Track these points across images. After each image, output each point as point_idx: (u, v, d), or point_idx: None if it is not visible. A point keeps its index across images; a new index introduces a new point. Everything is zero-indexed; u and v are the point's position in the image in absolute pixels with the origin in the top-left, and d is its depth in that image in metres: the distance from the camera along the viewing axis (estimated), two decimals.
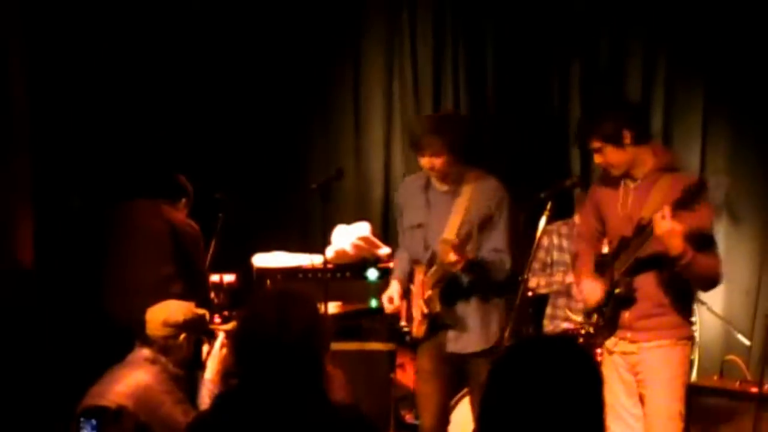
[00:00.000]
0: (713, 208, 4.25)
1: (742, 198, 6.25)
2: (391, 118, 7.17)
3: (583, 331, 5.48)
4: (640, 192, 4.28)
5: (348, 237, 6.19)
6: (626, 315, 4.30)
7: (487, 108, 7.10)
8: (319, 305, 3.06)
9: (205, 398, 4.04)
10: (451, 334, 4.71)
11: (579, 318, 4.65)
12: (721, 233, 5.85)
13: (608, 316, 4.33)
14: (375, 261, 6.11)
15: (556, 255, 6.02)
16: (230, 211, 5.15)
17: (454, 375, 4.77)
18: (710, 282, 4.30)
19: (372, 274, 6.02)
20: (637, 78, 6.75)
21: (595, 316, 4.42)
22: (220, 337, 4.20)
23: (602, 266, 4.41)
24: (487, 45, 7.06)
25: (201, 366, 4.16)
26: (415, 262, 4.84)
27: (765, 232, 6.20)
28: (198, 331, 4.20)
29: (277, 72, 7.04)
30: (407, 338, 4.87)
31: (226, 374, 4.11)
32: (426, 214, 4.76)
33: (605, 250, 4.60)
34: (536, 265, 5.97)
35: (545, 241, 5.88)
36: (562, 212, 5.77)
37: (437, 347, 4.75)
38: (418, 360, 4.87)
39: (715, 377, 5.49)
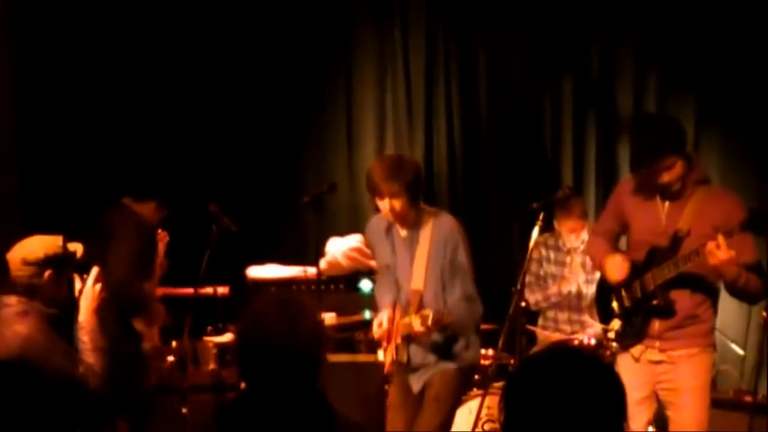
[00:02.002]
0: None
1: None
2: (384, 132, 7.19)
3: (578, 340, 5.52)
4: (676, 204, 4.27)
5: (341, 248, 6.20)
6: (656, 325, 4.29)
7: (480, 121, 7.12)
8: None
9: (85, 343, 3.77)
10: (413, 377, 4.80)
11: (598, 323, 4.63)
12: None
13: (638, 325, 4.33)
14: (368, 273, 6.10)
15: (545, 266, 6.03)
16: (223, 224, 5.12)
17: (420, 405, 4.81)
18: (757, 298, 4.36)
19: (366, 285, 6.02)
20: (629, 91, 6.79)
21: (618, 323, 4.42)
22: (93, 272, 3.87)
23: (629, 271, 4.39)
24: (479, 59, 7.09)
25: (75, 307, 3.83)
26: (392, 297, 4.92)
27: (757, 241, 6.21)
28: (66, 268, 3.83)
29: (271, 85, 7.05)
30: (383, 370, 4.95)
31: (101, 313, 3.86)
32: (392, 256, 4.82)
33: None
34: (531, 279, 5.98)
35: (535, 254, 5.89)
36: (551, 224, 5.80)
37: (405, 383, 4.84)
38: (389, 391, 4.95)
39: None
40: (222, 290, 5.89)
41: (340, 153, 7.25)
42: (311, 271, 5.73)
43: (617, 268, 4.38)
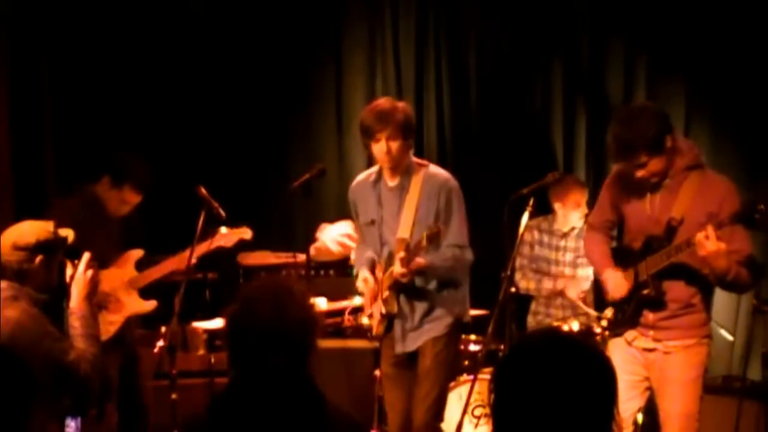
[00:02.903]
0: None
1: None
2: None
3: (567, 326, 5.53)
4: (668, 191, 4.20)
5: (331, 234, 6.19)
6: (650, 315, 4.26)
7: (470, 105, 7.12)
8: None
9: (76, 328, 3.73)
10: (398, 334, 4.77)
11: (592, 311, 4.61)
12: None
13: (629, 313, 4.30)
14: None
15: (537, 250, 6.04)
16: (212, 207, 5.10)
17: (414, 376, 4.81)
18: (745, 289, 4.40)
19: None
20: (619, 76, 6.79)
21: (611, 311, 4.40)
22: (85, 258, 3.83)
23: (624, 260, 4.35)
24: (469, 43, 7.08)
25: (66, 293, 3.79)
26: (376, 257, 4.89)
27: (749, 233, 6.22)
28: (57, 253, 3.78)
29: (260, 70, 7.03)
30: (369, 335, 4.95)
31: (91, 299, 3.82)
32: (378, 210, 4.80)
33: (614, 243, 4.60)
34: (524, 262, 5.99)
35: (527, 237, 5.90)
36: (544, 208, 5.79)
37: (392, 348, 4.82)
38: (381, 363, 4.95)
39: None
40: (212, 275, 5.88)
41: (330, 139, 7.23)
42: (301, 256, 5.72)
43: (617, 286, 4.33)
